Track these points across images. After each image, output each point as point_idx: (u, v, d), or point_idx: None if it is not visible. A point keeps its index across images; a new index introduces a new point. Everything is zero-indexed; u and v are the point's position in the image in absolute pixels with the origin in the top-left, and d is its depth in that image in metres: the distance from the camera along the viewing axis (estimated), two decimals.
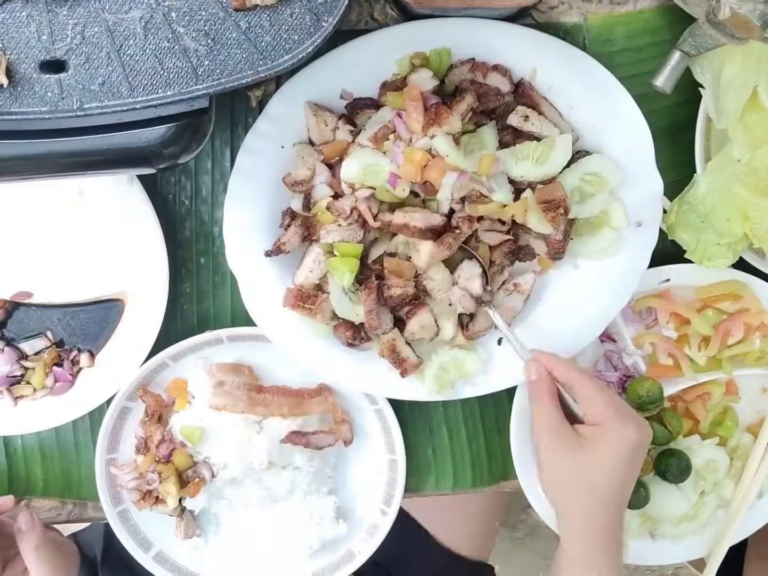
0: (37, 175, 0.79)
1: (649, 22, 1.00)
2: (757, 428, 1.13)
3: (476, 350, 1.00)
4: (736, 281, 1.05)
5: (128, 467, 1.05)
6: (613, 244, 0.97)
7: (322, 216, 0.94)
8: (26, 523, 0.96)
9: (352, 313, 0.95)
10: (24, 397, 1.04)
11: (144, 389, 1.04)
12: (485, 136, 0.93)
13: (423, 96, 0.89)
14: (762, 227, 0.98)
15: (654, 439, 1.06)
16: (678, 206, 0.99)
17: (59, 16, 0.73)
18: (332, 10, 0.75)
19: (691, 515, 1.12)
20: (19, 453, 1.09)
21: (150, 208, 0.97)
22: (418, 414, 1.09)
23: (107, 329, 1.05)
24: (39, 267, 1.02)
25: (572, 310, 1.00)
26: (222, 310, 1.05)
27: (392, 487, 1.08)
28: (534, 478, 1.07)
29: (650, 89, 0.92)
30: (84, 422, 1.08)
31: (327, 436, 1.05)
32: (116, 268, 1.02)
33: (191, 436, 1.03)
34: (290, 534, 1.09)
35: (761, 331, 1.08)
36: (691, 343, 1.08)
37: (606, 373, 1.07)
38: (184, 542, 1.08)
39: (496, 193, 0.91)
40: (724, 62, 0.94)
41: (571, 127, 0.96)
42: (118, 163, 0.78)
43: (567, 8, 0.99)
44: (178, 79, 0.75)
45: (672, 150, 1.00)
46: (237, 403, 1.02)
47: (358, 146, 0.92)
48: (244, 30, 0.75)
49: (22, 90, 0.73)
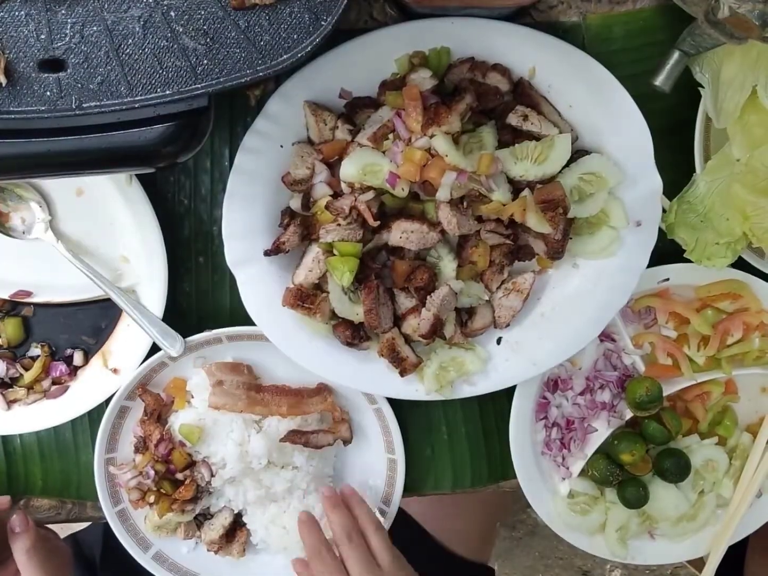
0: (36, 174, 0.79)
1: (649, 22, 1.00)
2: (757, 428, 1.13)
3: (475, 349, 1.00)
4: (736, 280, 1.05)
5: (127, 466, 1.05)
6: (612, 244, 0.97)
7: (321, 215, 0.94)
8: (19, 525, 0.96)
9: (352, 313, 0.95)
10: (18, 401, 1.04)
11: (143, 388, 1.03)
12: (484, 136, 0.93)
13: (422, 95, 0.89)
14: (761, 226, 0.97)
15: (653, 439, 1.07)
16: (677, 206, 0.99)
17: (58, 15, 0.73)
18: (331, 9, 0.75)
19: (691, 515, 1.12)
20: (18, 452, 1.09)
21: (149, 207, 0.97)
22: (417, 414, 1.09)
23: (106, 329, 1.05)
24: (39, 267, 1.02)
25: (571, 310, 1.00)
26: (221, 310, 1.05)
27: (392, 486, 1.08)
28: (534, 477, 1.07)
29: (650, 89, 0.92)
30: (83, 422, 1.08)
31: (326, 436, 1.05)
32: (115, 267, 1.02)
33: (190, 435, 1.03)
34: (290, 534, 1.08)
35: (760, 330, 1.08)
36: (690, 342, 1.08)
37: (605, 373, 1.07)
38: (183, 542, 1.08)
39: (495, 193, 0.91)
40: (723, 62, 0.94)
41: (570, 127, 0.96)
42: (117, 162, 0.78)
43: (566, 7, 0.99)
44: (176, 78, 0.74)
45: (671, 150, 1.00)
46: (236, 403, 1.02)
47: (358, 146, 0.92)
48: (243, 29, 0.75)
49: (20, 89, 0.73)
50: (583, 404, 1.07)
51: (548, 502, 1.09)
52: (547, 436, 1.08)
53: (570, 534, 1.10)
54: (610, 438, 1.07)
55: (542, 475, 1.08)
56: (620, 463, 1.07)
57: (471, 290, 0.98)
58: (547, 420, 1.08)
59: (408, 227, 0.92)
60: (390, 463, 1.08)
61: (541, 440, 1.08)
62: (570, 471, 1.08)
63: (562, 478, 1.09)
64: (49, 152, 0.74)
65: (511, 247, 0.96)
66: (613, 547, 1.11)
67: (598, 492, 1.11)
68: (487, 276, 0.98)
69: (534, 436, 1.08)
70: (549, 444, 1.08)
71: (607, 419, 1.07)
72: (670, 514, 1.11)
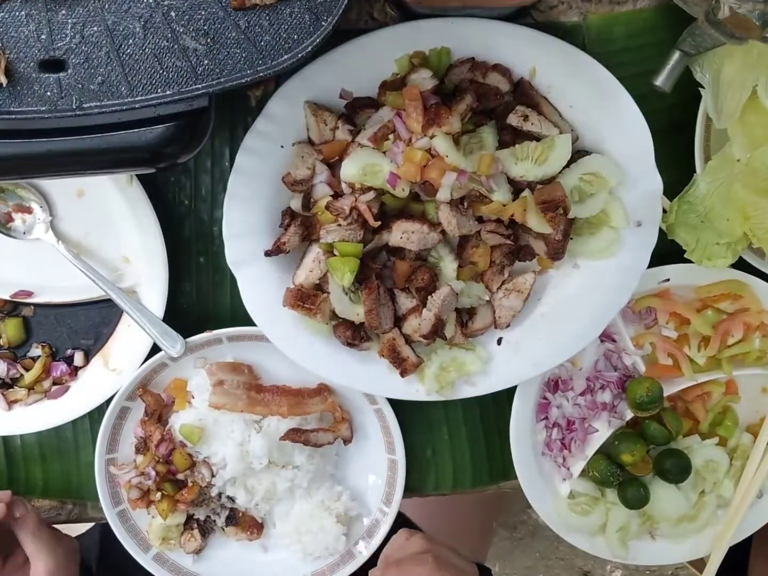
0: (37, 174, 0.79)
1: (649, 22, 1.00)
2: (757, 428, 1.13)
3: (476, 350, 1.00)
4: (736, 281, 1.05)
5: (128, 466, 1.05)
6: (612, 244, 0.97)
7: (321, 216, 0.94)
8: (20, 510, 0.96)
9: (352, 313, 0.95)
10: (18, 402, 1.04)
11: (144, 388, 1.03)
12: (485, 136, 0.93)
13: (422, 96, 0.89)
14: (762, 227, 0.97)
15: (654, 439, 1.06)
16: (677, 206, 0.99)
17: (58, 15, 0.73)
18: (332, 9, 0.75)
19: (691, 515, 1.12)
20: (19, 453, 1.09)
21: (149, 207, 0.97)
22: (418, 414, 1.09)
23: (107, 329, 1.05)
24: (39, 267, 1.02)
25: (572, 310, 1.00)
26: (221, 310, 1.05)
27: (392, 487, 1.08)
28: (534, 478, 1.07)
29: (650, 89, 0.92)
30: (84, 422, 1.08)
31: (326, 434, 1.05)
32: (116, 268, 1.02)
33: (191, 435, 1.03)
34: (290, 533, 1.08)
35: (761, 330, 1.08)
36: (690, 343, 1.08)
37: (606, 373, 1.07)
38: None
39: (495, 193, 0.91)
40: (723, 62, 0.94)
41: (570, 127, 0.96)
42: (118, 162, 0.78)
43: (566, 8, 0.99)
44: (177, 79, 0.75)
45: (672, 150, 1.00)
46: (236, 402, 1.02)
47: (358, 146, 0.92)
48: (244, 29, 0.75)
49: (21, 89, 0.73)
50: (583, 405, 1.07)
51: (549, 502, 1.09)
52: (548, 437, 1.08)
53: (571, 535, 1.10)
54: (611, 438, 1.07)
55: (543, 475, 1.08)
56: (621, 463, 1.07)
57: (471, 291, 0.98)
58: (548, 420, 1.07)
59: (409, 228, 0.92)
60: (390, 463, 1.08)
61: (542, 441, 1.08)
62: (570, 471, 1.08)
63: (562, 478, 1.09)
64: (50, 152, 0.75)
65: (511, 248, 0.96)
66: (613, 547, 1.11)
67: (598, 492, 1.11)
68: (488, 276, 0.98)
69: (534, 437, 1.08)
70: (550, 444, 1.08)
71: (607, 420, 1.07)
72: (671, 515, 1.10)
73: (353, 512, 1.09)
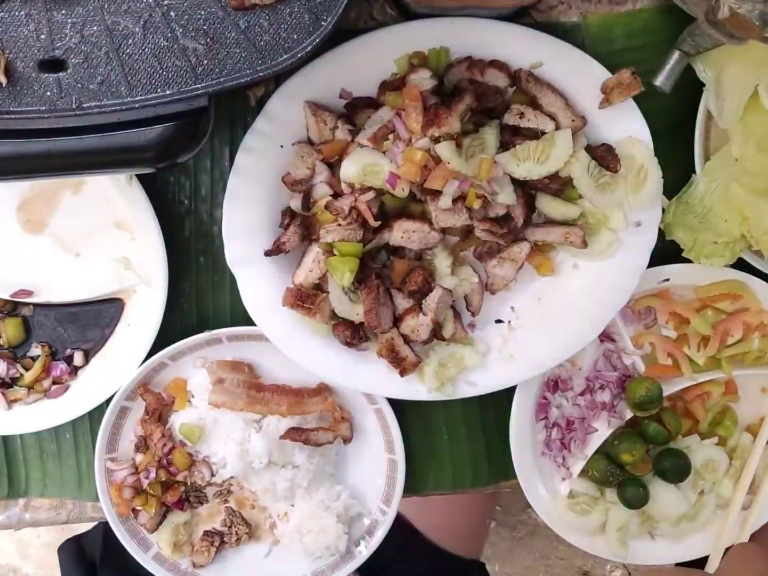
0: (36, 174, 0.79)
1: (649, 22, 0.99)
2: (757, 428, 1.13)
3: (474, 344, 1.00)
4: (735, 281, 1.05)
5: (126, 463, 1.05)
6: (612, 244, 0.97)
7: (321, 215, 0.94)
8: None
9: (352, 313, 0.95)
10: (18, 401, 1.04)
11: (145, 387, 1.04)
12: (486, 138, 0.92)
13: (422, 96, 0.89)
14: (759, 228, 0.97)
15: (653, 439, 1.06)
16: (675, 206, 0.99)
17: (58, 15, 0.73)
18: (331, 9, 0.75)
19: (691, 515, 1.12)
20: (19, 453, 1.09)
21: (149, 207, 0.97)
22: (418, 414, 1.09)
23: (107, 329, 1.05)
24: (39, 267, 1.02)
25: (572, 310, 1.00)
26: (221, 310, 1.05)
27: (392, 486, 1.08)
28: (534, 478, 1.07)
29: (650, 88, 0.92)
30: (84, 422, 1.08)
31: (326, 433, 1.05)
32: (116, 268, 1.02)
33: (191, 434, 1.03)
34: (290, 533, 1.09)
35: (760, 330, 1.08)
36: (690, 342, 1.08)
37: (605, 373, 1.07)
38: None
39: (499, 196, 0.91)
40: (726, 61, 0.94)
41: (572, 116, 0.94)
42: (117, 162, 0.78)
43: (566, 8, 0.99)
44: (177, 79, 0.75)
45: (671, 150, 1.00)
46: (236, 401, 1.02)
47: (358, 146, 0.92)
48: (243, 29, 0.75)
49: (21, 89, 0.73)
50: (583, 404, 1.07)
51: (548, 502, 1.09)
52: (548, 437, 1.08)
53: (570, 534, 1.10)
54: (610, 438, 1.07)
55: (542, 475, 1.08)
56: (620, 463, 1.07)
57: (461, 276, 0.98)
58: (548, 420, 1.08)
59: (409, 227, 0.93)
60: (390, 463, 1.08)
61: (542, 440, 1.08)
62: (570, 471, 1.08)
63: (562, 478, 1.09)
64: (49, 152, 0.74)
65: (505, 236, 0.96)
66: (613, 547, 1.11)
67: (598, 492, 1.11)
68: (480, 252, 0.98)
69: (534, 437, 1.08)
70: (549, 444, 1.08)
71: (607, 419, 1.07)
72: (671, 515, 1.10)
73: (353, 511, 1.09)
